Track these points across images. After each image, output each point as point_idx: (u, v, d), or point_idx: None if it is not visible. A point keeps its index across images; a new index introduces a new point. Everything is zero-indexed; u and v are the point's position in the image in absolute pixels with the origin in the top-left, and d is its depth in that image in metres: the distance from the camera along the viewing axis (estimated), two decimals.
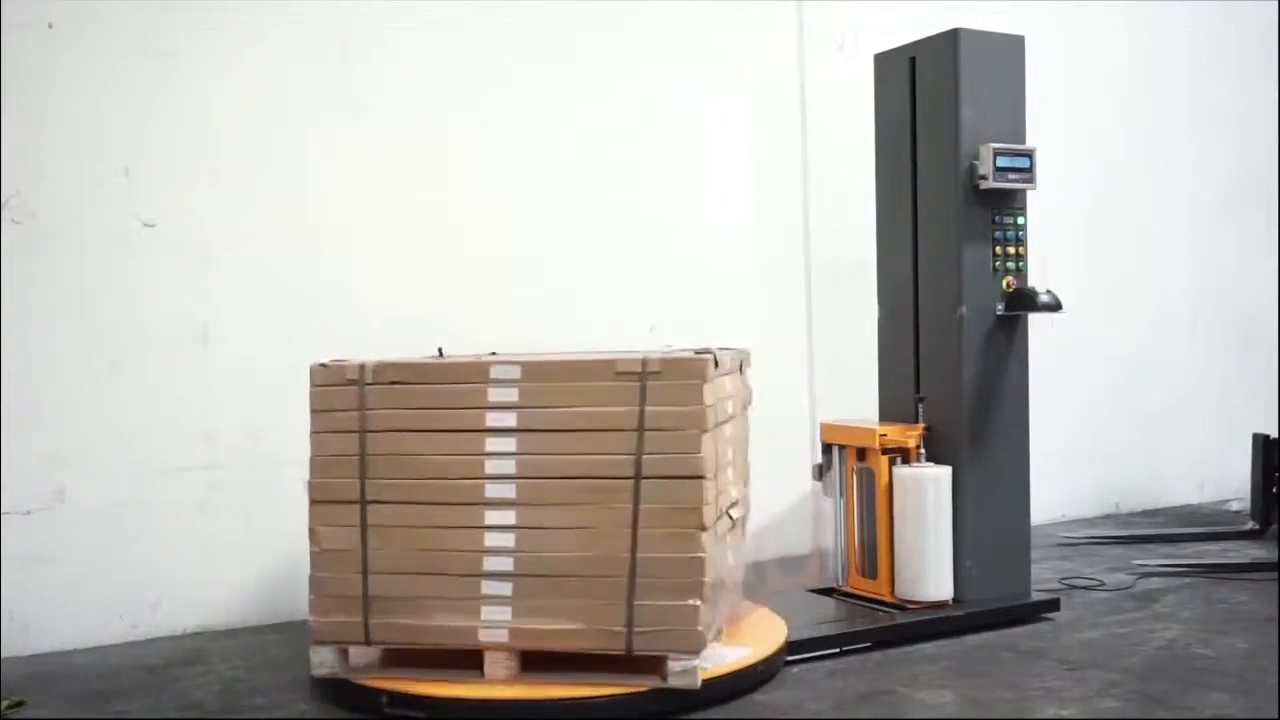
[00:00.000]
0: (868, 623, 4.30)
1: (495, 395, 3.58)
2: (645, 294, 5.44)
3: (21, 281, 4.33)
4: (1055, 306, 4.48)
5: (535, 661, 3.59)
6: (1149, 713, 3.48)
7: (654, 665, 3.50)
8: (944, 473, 4.43)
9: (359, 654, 3.72)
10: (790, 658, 3.97)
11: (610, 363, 3.56)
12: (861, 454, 4.61)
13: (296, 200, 4.77)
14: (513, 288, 5.14)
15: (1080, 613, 4.62)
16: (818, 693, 3.72)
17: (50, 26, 4.37)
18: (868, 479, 4.59)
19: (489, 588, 3.56)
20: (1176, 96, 7.14)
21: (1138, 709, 3.51)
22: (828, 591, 4.75)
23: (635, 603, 3.48)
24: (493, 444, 3.57)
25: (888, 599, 4.50)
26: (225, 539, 4.63)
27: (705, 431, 3.50)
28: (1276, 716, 3.44)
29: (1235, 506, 6.85)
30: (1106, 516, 6.82)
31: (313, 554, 3.66)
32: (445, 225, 5.04)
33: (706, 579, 3.49)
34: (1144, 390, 6.98)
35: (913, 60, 4.66)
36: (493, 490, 3.57)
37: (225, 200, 4.65)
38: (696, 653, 3.48)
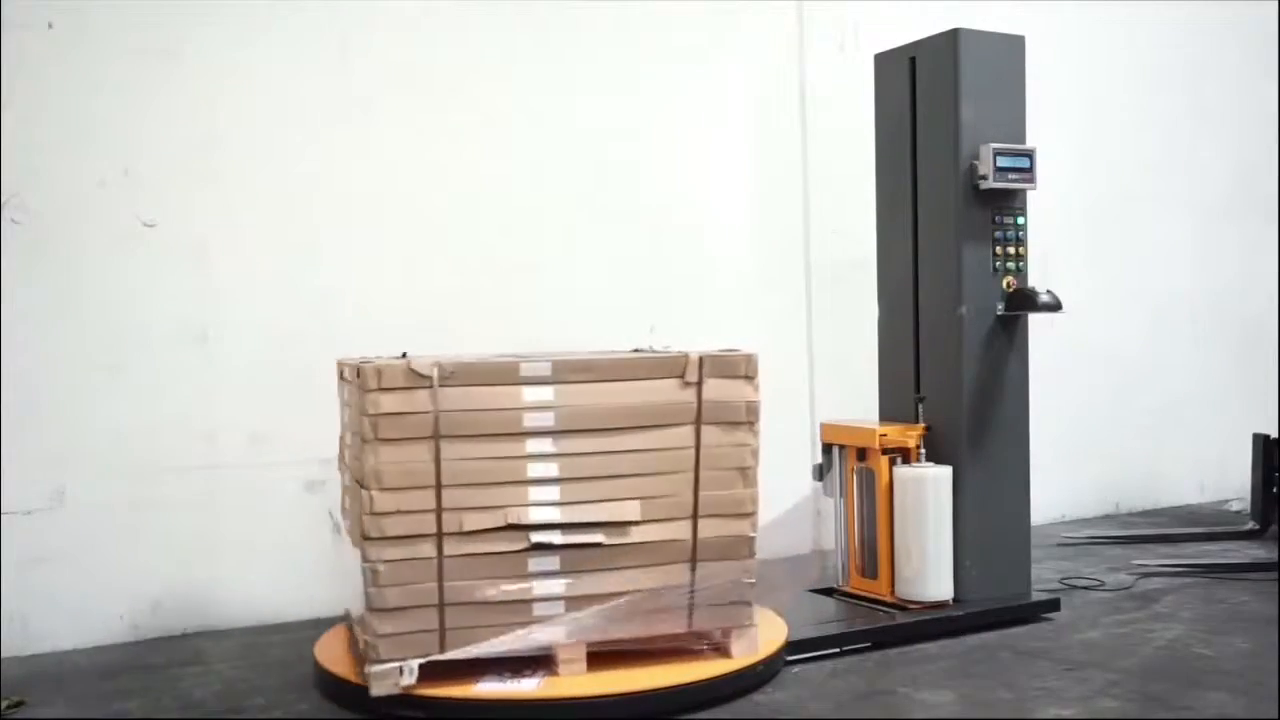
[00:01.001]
0: (868, 623, 4.30)
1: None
2: (645, 294, 5.44)
3: (21, 281, 4.33)
4: (1055, 306, 4.48)
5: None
6: (1149, 713, 3.48)
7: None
8: (944, 472, 4.43)
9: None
10: (790, 658, 3.97)
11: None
12: (862, 454, 4.61)
13: (296, 200, 4.77)
14: (512, 287, 5.14)
15: (1080, 613, 4.62)
16: (818, 693, 3.72)
17: (50, 26, 4.37)
18: (868, 479, 4.59)
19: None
20: (1176, 96, 7.14)
21: (1138, 709, 3.51)
22: (828, 591, 4.75)
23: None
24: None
25: (888, 599, 4.50)
26: (225, 539, 4.63)
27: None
28: (1276, 717, 3.44)
29: (1235, 506, 6.85)
30: (1106, 516, 6.82)
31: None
32: (445, 225, 5.04)
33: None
34: (1144, 390, 6.98)
35: (913, 60, 4.66)
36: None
37: (225, 200, 4.65)
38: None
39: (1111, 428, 6.84)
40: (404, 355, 3.70)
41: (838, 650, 4.10)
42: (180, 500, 4.56)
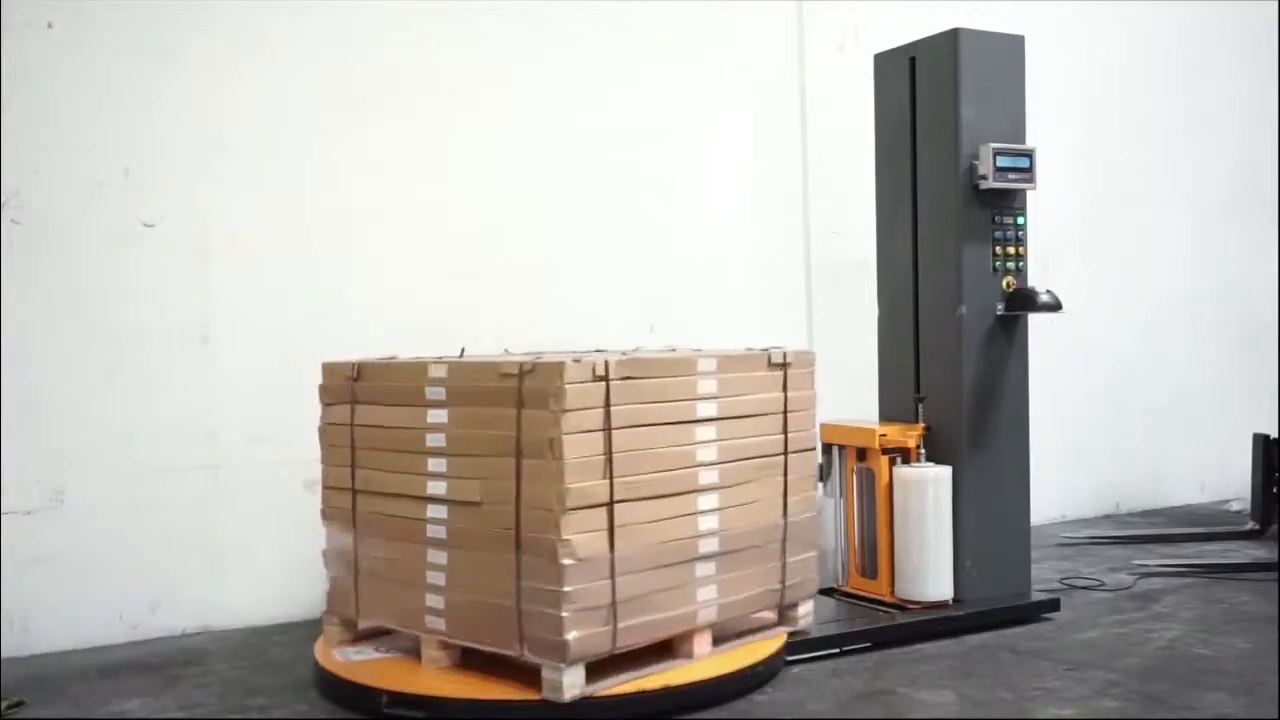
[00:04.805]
0: (868, 623, 4.30)
1: (704, 387, 3.77)
2: (645, 294, 5.44)
3: (21, 281, 4.33)
4: (1055, 306, 4.48)
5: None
6: (1149, 713, 3.48)
7: (780, 617, 4.08)
8: (944, 472, 4.43)
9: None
10: (790, 658, 3.97)
11: (764, 354, 3.99)
12: (861, 454, 4.61)
13: (296, 200, 4.77)
14: (513, 288, 5.14)
15: (1080, 613, 4.62)
16: (818, 693, 3.72)
17: (50, 26, 4.37)
18: (868, 479, 4.59)
19: (701, 570, 3.72)
20: (1176, 96, 7.14)
21: (1138, 709, 3.51)
22: (828, 591, 4.75)
23: (786, 562, 4.01)
24: (701, 432, 3.74)
25: (888, 599, 4.50)
26: (225, 539, 4.63)
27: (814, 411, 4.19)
28: (1276, 717, 3.44)
29: (1235, 506, 6.85)
30: (1106, 516, 6.83)
31: (566, 567, 3.33)
32: (445, 225, 5.04)
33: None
34: (1144, 390, 6.98)
35: (913, 60, 4.66)
36: (705, 476, 3.74)
37: (225, 200, 4.65)
38: (814, 596, 4.18)
39: (1111, 428, 6.85)
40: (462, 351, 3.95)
41: (838, 650, 4.10)
42: (180, 500, 4.56)
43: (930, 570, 4.40)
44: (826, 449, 4.76)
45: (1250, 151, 7.41)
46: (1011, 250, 4.55)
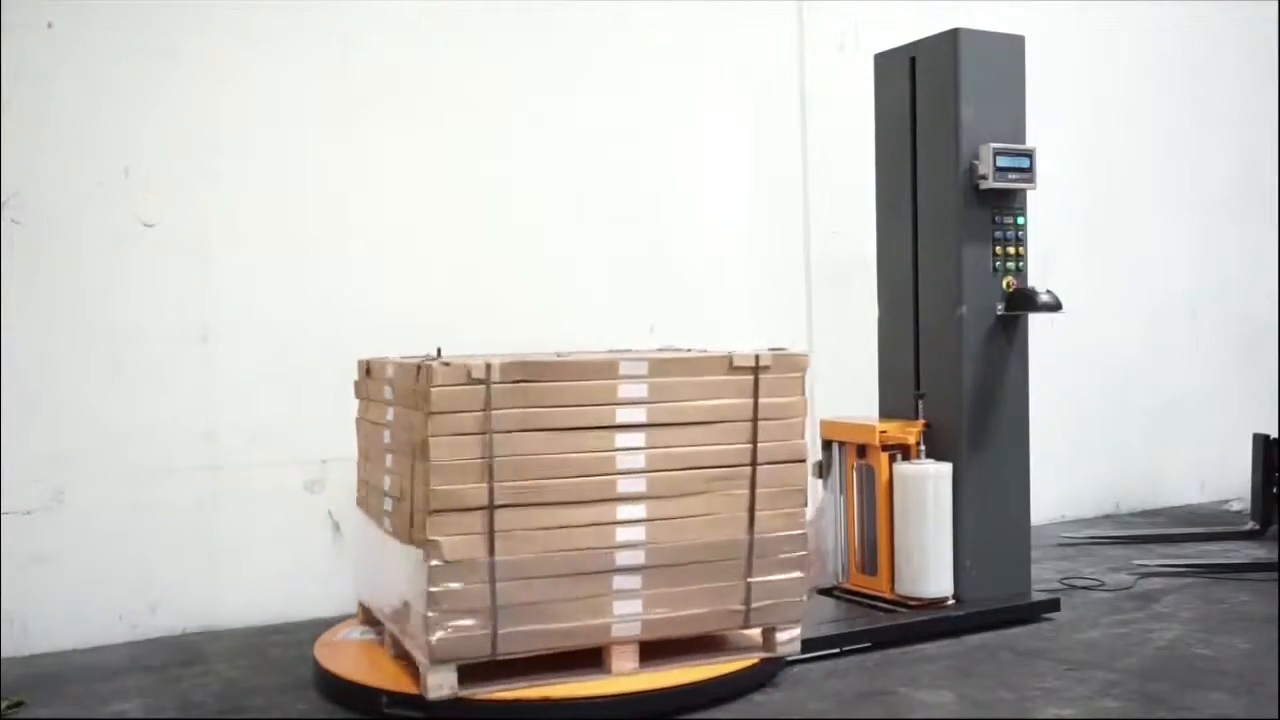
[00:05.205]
0: (868, 623, 4.30)
1: (626, 391, 3.61)
2: (645, 294, 5.44)
3: (21, 281, 4.33)
4: (1055, 306, 4.48)
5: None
6: (1149, 713, 3.48)
7: (754, 640, 3.84)
8: (944, 469, 4.43)
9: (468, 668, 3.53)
10: (790, 658, 3.96)
11: (725, 357, 3.75)
12: (862, 450, 4.61)
13: (296, 200, 4.77)
14: (512, 288, 5.14)
15: (1080, 613, 4.62)
16: (818, 693, 3.72)
17: (50, 26, 4.37)
18: (868, 476, 4.59)
19: (620, 582, 3.59)
20: (1176, 96, 7.14)
21: (1138, 709, 3.51)
22: (828, 591, 4.75)
23: (752, 580, 3.74)
24: (623, 439, 3.60)
25: (888, 596, 4.50)
26: (225, 539, 4.63)
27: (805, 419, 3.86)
28: (1276, 717, 3.44)
29: (1235, 506, 6.85)
30: (1106, 516, 6.83)
31: (432, 568, 3.38)
32: (445, 225, 5.04)
33: (807, 553, 3.85)
34: (1144, 390, 6.98)
35: (913, 60, 4.66)
36: (626, 485, 3.60)
37: (225, 200, 4.65)
38: (799, 621, 3.86)
39: (1111, 428, 6.84)
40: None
41: (838, 650, 4.09)
42: (180, 500, 4.56)
43: (930, 567, 4.40)
44: (826, 446, 4.76)
45: (1250, 152, 7.41)
46: (1011, 250, 4.55)
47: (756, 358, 3.75)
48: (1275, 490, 5.97)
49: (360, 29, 4.88)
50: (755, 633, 3.85)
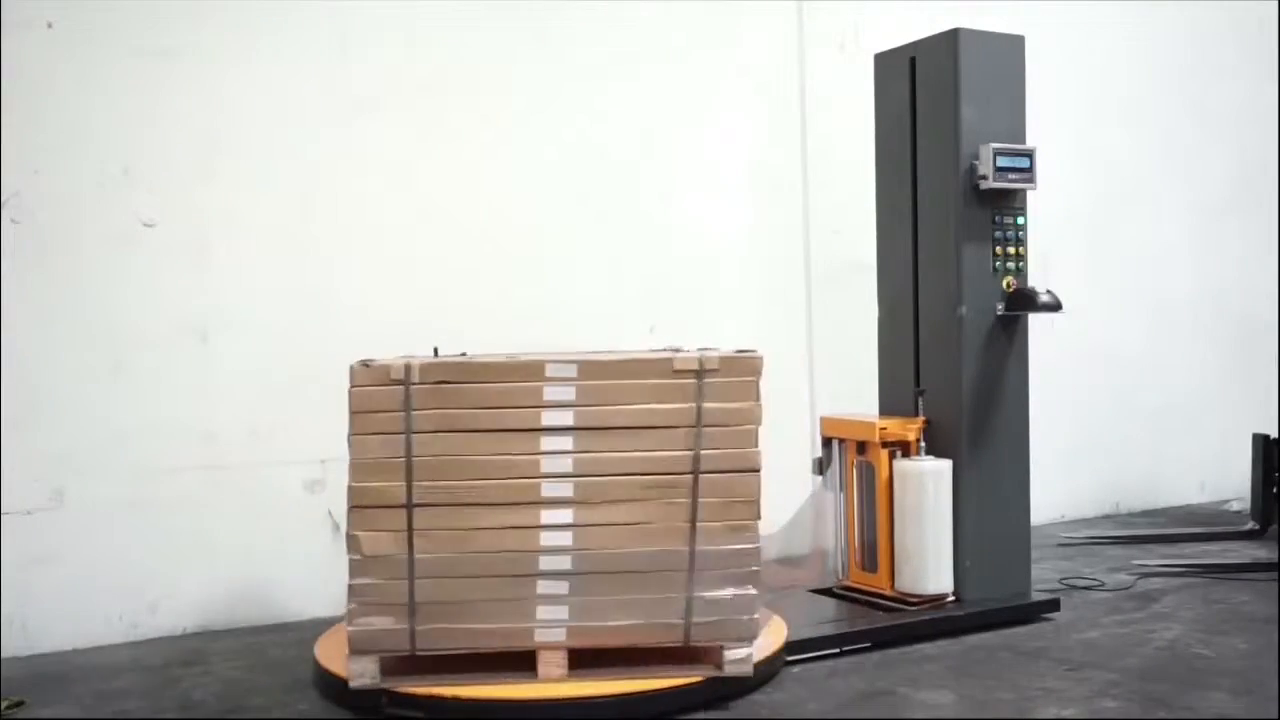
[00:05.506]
0: (868, 623, 4.30)
1: (552, 394, 3.55)
2: (645, 294, 5.44)
3: (21, 281, 4.33)
4: (1055, 306, 4.48)
5: (581, 660, 3.60)
6: (1149, 713, 3.48)
7: (704, 656, 3.62)
8: (944, 466, 4.43)
9: (397, 661, 3.61)
10: (790, 658, 3.97)
11: (666, 361, 3.61)
12: (862, 447, 4.62)
13: (296, 200, 4.77)
14: (512, 288, 5.14)
15: (1080, 613, 4.62)
16: (817, 693, 3.72)
17: (50, 26, 4.37)
18: (868, 473, 4.59)
19: (545, 587, 3.55)
20: (1176, 96, 7.14)
21: (1138, 709, 3.51)
22: (828, 591, 4.75)
23: (693, 595, 3.57)
24: (548, 443, 3.54)
25: (888, 592, 4.51)
26: (225, 539, 4.63)
27: (760, 426, 3.62)
28: (1276, 717, 3.44)
29: (1235, 506, 6.85)
30: (1106, 516, 6.82)
31: (352, 561, 3.50)
32: (445, 225, 5.04)
33: (760, 568, 3.63)
34: (1144, 390, 6.97)
35: (913, 60, 4.66)
36: (550, 489, 3.55)
37: (225, 200, 4.65)
38: (751, 641, 3.63)
39: (1111, 428, 6.84)
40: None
41: (838, 650, 4.10)
42: (180, 500, 4.55)
43: (930, 564, 4.40)
44: (826, 443, 4.77)
45: (1250, 151, 7.41)
46: (1011, 250, 4.55)
47: (701, 360, 3.58)
48: (1275, 490, 5.96)
49: (360, 29, 4.88)
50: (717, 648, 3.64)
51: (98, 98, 4.45)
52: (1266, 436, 5.98)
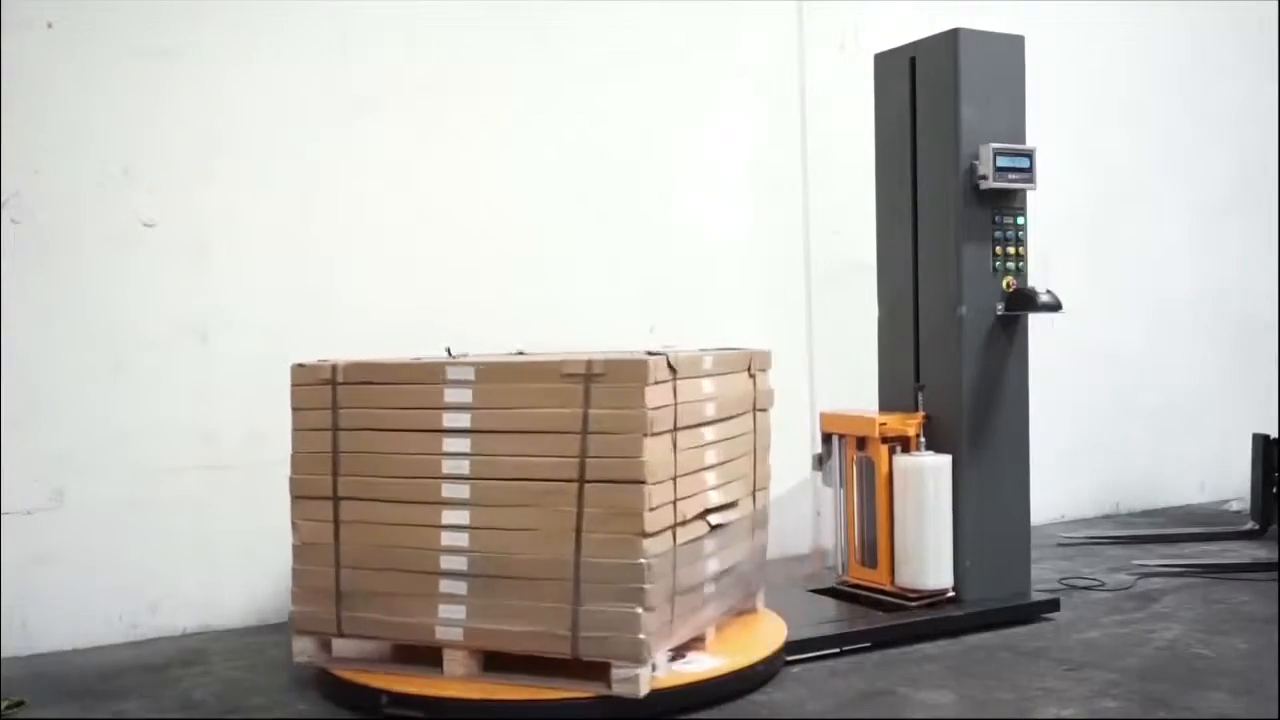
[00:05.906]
0: (867, 623, 4.30)
1: (451, 396, 3.61)
2: (645, 294, 5.44)
3: (21, 281, 4.33)
4: (1055, 306, 4.48)
5: (498, 661, 3.58)
6: (1149, 713, 3.48)
7: (596, 672, 3.44)
8: (944, 461, 4.43)
9: (344, 646, 3.82)
10: (790, 658, 3.97)
11: (557, 364, 3.51)
12: (861, 443, 4.62)
13: (296, 200, 4.77)
14: (512, 288, 5.14)
15: (1080, 613, 4.62)
16: (817, 693, 3.72)
17: (50, 26, 4.37)
18: (868, 468, 4.59)
19: (446, 586, 3.58)
20: (1176, 96, 7.14)
21: (1138, 709, 3.51)
22: (828, 591, 4.75)
23: (580, 607, 3.42)
24: (449, 444, 3.60)
25: (888, 588, 4.51)
26: (225, 539, 4.63)
27: (648, 435, 3.38)
28: (1276, 717, 3.44)
29: (1235, 506, 6.84)
30: (1106, 516, 6.82)
31: (294, 547, 3.79)
32: (445, 225, 5.04)
33: (650, 586, 3.38)
34: (1144, 390, 6.97)
35: (913, 60, 4.66)
36: (449, 490, 3.59)
37: (225, 200, 4.65)
38: (640, 661, 3.36)
39: (1111, 428, 6.84)
40: (448, 350, 3.97)
41: (838, 650, 4.10)
42: (180, 500, 4.55)
43: (930, 560, 4.40)
44: (826, 438, 4.77)
45: (1250, 151, 7.41)
46: (1011, 250, 4.55)
47: (589, 364, 3.43)
48: (1275, 490, 5.97)
49: (360, 29, 4.88)
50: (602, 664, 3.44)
51: (98, 98, 4.45)
52: (1266, 436, 5.99)
